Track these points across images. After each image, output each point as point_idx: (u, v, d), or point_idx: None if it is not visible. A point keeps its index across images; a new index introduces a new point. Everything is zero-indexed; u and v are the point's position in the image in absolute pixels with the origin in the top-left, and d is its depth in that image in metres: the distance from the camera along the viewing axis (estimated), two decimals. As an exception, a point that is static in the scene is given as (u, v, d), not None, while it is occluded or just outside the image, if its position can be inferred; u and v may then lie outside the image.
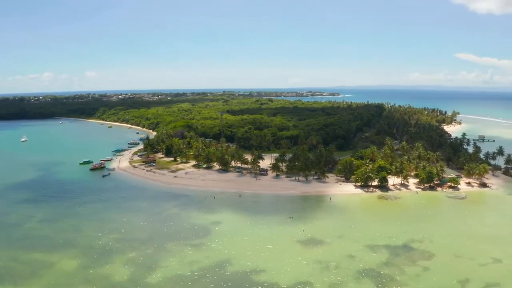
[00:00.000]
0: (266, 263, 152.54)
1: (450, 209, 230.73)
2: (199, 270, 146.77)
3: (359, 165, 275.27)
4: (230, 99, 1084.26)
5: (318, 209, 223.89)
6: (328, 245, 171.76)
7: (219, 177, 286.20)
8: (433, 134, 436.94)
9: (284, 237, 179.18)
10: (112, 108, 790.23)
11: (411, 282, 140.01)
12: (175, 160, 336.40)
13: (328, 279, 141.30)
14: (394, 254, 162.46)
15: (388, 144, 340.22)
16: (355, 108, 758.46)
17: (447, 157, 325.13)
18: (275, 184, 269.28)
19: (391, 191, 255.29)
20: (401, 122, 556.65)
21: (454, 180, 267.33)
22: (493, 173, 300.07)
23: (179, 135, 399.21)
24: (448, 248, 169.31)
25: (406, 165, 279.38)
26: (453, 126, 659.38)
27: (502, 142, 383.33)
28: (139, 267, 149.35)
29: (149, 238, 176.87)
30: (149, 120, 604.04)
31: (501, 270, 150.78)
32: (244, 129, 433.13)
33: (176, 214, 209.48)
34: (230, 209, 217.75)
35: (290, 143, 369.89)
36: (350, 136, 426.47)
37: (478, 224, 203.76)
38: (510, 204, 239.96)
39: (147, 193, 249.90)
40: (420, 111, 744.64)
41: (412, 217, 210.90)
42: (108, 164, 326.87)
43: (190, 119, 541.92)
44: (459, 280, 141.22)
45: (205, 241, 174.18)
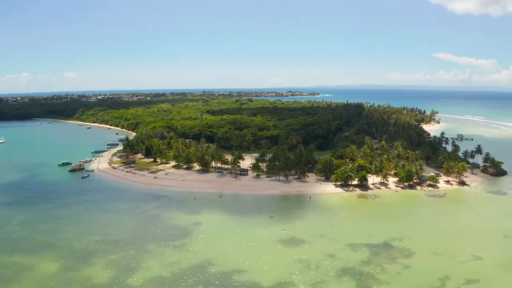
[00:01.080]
0: (247, 263, 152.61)
1: (430, 207, 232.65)
2: (180, 271, 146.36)
3: (339, 165, 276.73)
4: (210, 99, 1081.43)
5: (298, 208, 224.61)
6: (309, 244, 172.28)
7: (199, 178, 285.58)
8: (412, 133, 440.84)
9: (265, 237, 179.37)
10: (91, 108, 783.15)
11: (392, 280, 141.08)
12: (155, 161, 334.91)
13: (310, 279, 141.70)
14: (374, 253, 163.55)
15: (368, 143, 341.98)
16: (334, 107, 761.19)
17: (426, 156, 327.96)
18: (255, 184, 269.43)
19: (371, 190, 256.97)
20: (380, 121, 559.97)
21: (433, 179, 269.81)
22: (472, 171, 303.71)
23: (159, 136, 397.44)
24: (428, 245, 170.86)
25: (386, 164, 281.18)
26: (432, 125, 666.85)
27: (481, 141, 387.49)
28: (120, 269, 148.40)
29: (130, 240, 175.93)
30: (128, 121, 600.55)
31: (481, 267, 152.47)
32: (224, 129, 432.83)
33: (156, 215, 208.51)
34: (210, 210, 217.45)
35: (270, 143, 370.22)
36: (330, 135, 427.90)
37: (457, 221, 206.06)
38: (488, 201, 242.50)
39: (127, 194, 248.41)
40: (399, 111, 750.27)
41: (392, 215, 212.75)
42: (87, 166, 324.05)
43: (170, 119, 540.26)
44: (440, 277, 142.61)
45: (186, 242, 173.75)
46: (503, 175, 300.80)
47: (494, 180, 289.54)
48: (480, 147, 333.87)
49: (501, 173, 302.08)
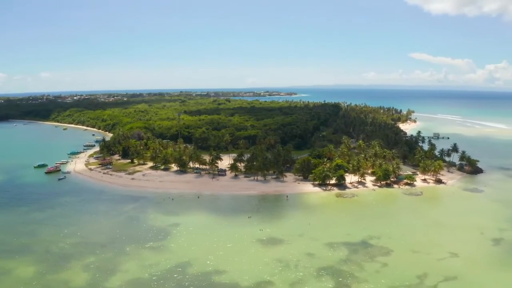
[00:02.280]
0: (226, 264, 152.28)
1: (407, 206, 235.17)
2: (159, 273, 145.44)
3: (317, 164, 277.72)
4: (188, 100, 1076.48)
5: (276, 208, 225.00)
6: (287, 244, 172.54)
7: (177, 178, 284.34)
8: (389, 133, 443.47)
9: (244, 237, 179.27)
10: (67, 109, 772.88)
11: (371, 278, 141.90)
12: (132, 162, 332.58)
13: (289, 278, 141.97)
14: (353, 251, 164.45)
15: (345, 142, 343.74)
16: (312, 107, 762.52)
17: (403, 154, 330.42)
18: (233, 185, 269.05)
19: (348, 189, 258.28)
20: (357, 121, 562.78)
21: (410, 177, 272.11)
22: (448, 170, 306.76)
23: (136, 137, 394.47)
24: (406, 243, 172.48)
25: (363, 163, 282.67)
26: (409, 124, 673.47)
27: (457, 139, 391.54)
28: (98, 272, 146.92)
29: (108, 242, 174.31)
30: (105, 122, 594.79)
31: (458, 263, 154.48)
32: (202, 129, 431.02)
33: (134, 217, 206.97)
34: (189, 211, 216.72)
35: (248, 143, 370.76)
36: (308, 135, 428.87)
37: (434, 219, 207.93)
38: (465, 199, 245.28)
39: (105, 196, 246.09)
40: (376, 110, 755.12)
41: (369, 214, 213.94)
42: (63, 167, 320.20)
43: (147, 120, 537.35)
44: (418, 274, 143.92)
45: (165, 243, 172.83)
46: (479, 173, 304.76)
47: (470, 178, 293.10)
48: (456, 145, 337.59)
49: (477, 171, 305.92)
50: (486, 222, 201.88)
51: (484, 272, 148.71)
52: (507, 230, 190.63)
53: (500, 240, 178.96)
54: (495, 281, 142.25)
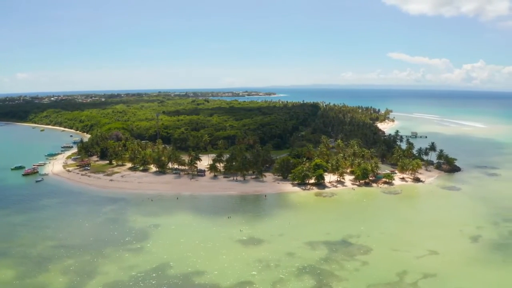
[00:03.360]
0: (206, 265, 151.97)
1: (386, 204, 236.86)
2: (139, 275, 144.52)
3: (296, 164, 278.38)
4: (166, 100, 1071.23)
5: (256, 208, 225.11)
6: (268, 243, 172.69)
7: (156, 179, 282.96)
8: (368, 132, 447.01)
9: (224, 237, 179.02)
10: (44, 110, 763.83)
11: (351, 277, 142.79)
12: (111, 163, 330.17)
13: (269, 278, 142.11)
14: (333, 250, 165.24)
15: (324, 142, 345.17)
16: (290, 107, 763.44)
17: (381, 153, 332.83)
18: (213, 185, 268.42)
19: (328, 188, 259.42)
20: (336, 120, 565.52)
21: (388, 176, 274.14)
22: (426, 168, 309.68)
23: (114, 138, 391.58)
24: (385, 242, 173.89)
25: (342, 162, 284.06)
26: (387, 124, 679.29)
27: (434, 138, 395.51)
28: (77, 275, 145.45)
29: (87, 244, 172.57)
30: (82, 123, 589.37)
31: (437, 261, 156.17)
32: (180, 130, 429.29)
33: (113, 219, 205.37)
34: (168, 212, 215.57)
35: (227, 143, 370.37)
36: (287, 135, 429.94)
37: (413, 217, 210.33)
38: (443, 197, 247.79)
39: (83, 198, 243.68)
40: (354, 110, 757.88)
41: (349, 213, 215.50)
42: (41, 169, 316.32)
43: (125, 120, 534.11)
44: (397, 272, 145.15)
45: (144, 244, 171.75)
46: (457, 171, 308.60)
47: (448, 176, 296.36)
48: (434, 144, 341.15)
49: (455, 170, 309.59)
50: (465, 219, 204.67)
51: (463, 269, 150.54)
52: (485, 227, 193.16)
53: (478, 237, 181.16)
54: (474, 278, 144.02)
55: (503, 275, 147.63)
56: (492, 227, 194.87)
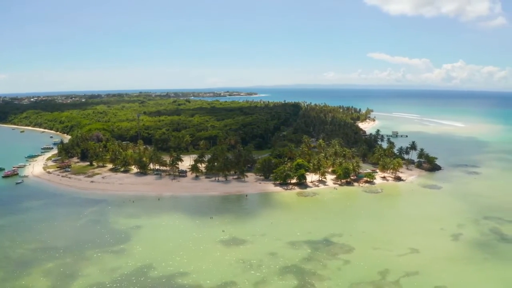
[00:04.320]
0: (189, 265, 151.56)
1: (367, 203, 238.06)
2: (121, 277, 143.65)
3: (278, 164, 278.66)
4: (147, 100, 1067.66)
5: (238, 208, 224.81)
6: (250, 243, 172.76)
7: (137, 181, 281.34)
8: (349, 131, 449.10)
9: (206, 238, 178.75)
10: (24, 111, 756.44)
11: (333, 276, 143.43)
12: (91, 165, 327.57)
13: (252, 278, 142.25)
14: (315, 249, 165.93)
15: (306, 142, 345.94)
16: (272, 107, 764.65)
17: (362, 153, 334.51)
18: (194, 186, 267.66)
19: (309, 188, 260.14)
20: (317, 120, 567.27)
21: (370, 175, 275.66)
22: (407, 167, 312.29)
23: (95, 139, 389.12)
24: (367, 240, 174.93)
25: (323, 162, 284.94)
26: (368, 123, 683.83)
27: (415, 138, 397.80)
28: (59, 277, 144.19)
29: (68, 246, 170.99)
30: (63, 124, 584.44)
31: (419, 259, 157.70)
32: (162, 130, 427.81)
33: (94, 220, 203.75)
34: (150, 213, 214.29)
35: (209, 143, 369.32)
36: (268, 135, 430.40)
37: (394, 216, 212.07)
38: (424, 196, 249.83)
39: (64, 200, 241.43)
40: (335, 109, 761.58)
41: (330, 212, 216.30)
42: (21, 171, 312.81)
43: (106, 121, 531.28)
44: (379, 271, 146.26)
45: (126, 246, 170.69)
46: (438, 170, 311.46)
47: (429, 175, 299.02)
48: (415, 143, 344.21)
49: (436, 168, 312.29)
50: (445, 217, 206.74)
51: (445, 267, 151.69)
52: (466, 225, 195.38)
53: (459, 235, 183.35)
54: (455, 275, 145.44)
55: (484, 272, 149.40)
56: (472, 225, 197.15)
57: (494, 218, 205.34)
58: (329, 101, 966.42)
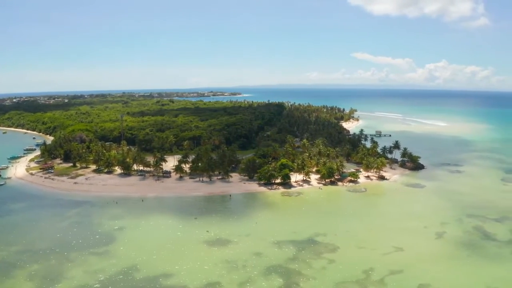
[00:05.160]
0: (174, 267, 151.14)
1: (351, 202, 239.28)
2: (105, 279, 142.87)
3: (262, 164, 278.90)
4: (130, 101, 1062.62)
5: (223, 209, 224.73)
6: (235, 244, 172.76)
7: (121, 182, 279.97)
8: (333, 131, 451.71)
9: (191, 239, 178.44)
10: (6, 112, 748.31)
11: (318, 275, 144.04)
12: (75, 166, 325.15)
13: (237, 278, 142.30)
14: (300, 249, 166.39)
15: (290, 142, 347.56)
16: (256, 107, 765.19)
17: (346, 152, 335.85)
18: (178, 186, 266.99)
19: (294, 188, 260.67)
20: (301, 120, 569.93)
21: (354, 175, 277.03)
22: (391, 166, 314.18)
23: (78, 139, 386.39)
24: (352, 240, 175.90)
25: (308, 161, 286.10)
26: (351, 123, 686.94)
27: (398, 137, 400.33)
28: (43, 280, 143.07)
29: (52, 249, 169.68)
30: (45, 125, 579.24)
31: (403, 257, 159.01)
32: (145, 131, 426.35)
33: (78, 222, 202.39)
34: (134, 214, 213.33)
35: (193, 144, 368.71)
36: (252, 135, 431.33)
37: (378, 215, 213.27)
38: (407, 195, 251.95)
39: (47, 202, 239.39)
40: (319, 109, 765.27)
41: (315, 212, 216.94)
42: (3, 173, 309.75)
43: (89, 122, 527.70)
44: (364, 269, 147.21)
45: (110, 248, 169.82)
46: (421, 169, 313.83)
47: (412, 174, 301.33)
48: (398, 142, 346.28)
49: (419, 167, 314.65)
50: (429, 216, 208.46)
51: (429, 265, 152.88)
52: (449, 223, 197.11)
53: (443, 233, 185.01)
54: (439, 273, 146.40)
55: (468, 270, 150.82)
56: (456, 223, 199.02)
57: (477, 216, 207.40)
58: (313, 101, 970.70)
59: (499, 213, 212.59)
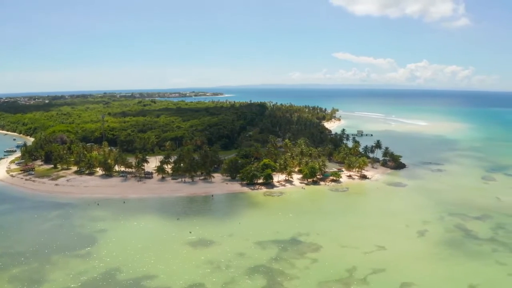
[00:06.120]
0: (157, 268, 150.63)
1: (334, 202, 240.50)
2: (88, 281, 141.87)
3: (244, 164, 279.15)
4: (112, 101, 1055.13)
5: (205, 209, 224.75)
6: (218, 244, 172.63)
7: (102, 183, 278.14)
8: (314, 131, 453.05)
9: (174, 240, 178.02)
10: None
11: (301, 275, 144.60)
12: (56, 167, 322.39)
13: (220, 279, 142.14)
14: (283, 249, 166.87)
15: (272, 141, 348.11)
16: (238, 107, 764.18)
17: (328, 152, 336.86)
18: (161, 187, 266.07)
19: (276, 188, 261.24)
20: (283, 120, 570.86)
21: (336, 174, 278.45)
22: (372, 166, 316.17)
23: (59, 141, 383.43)
24: (334, 239, 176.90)
25: (290, 161, 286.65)
26: (333, 123, 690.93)
27: (380, 136, 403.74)
28: (25, 283, 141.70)
29: (33, 252, 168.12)
30: (26, 126, 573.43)
31: (385, 256, 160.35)
32: (127, 131, 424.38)
33: (59, 224, 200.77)
34: (116, 215, 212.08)
35: (175, 144, 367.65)
36: (234, 135, 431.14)
37: (361, 214, 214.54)
38: (389, 193, 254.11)
39: (27, 204, 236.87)
40: (301, 109, 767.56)
41: (297, 211, 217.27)
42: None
43: (70, 123, 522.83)
44: (347, 268, 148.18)
45: (92, 250, 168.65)
46: (402, 168, 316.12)
47: (394, 173, 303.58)
48: (380, 142, 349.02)
49: (400, 166, 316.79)
50: (411, 215, 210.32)
51: (411, 264, 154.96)
52: (431, 222, 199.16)
53: (425, 231, 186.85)
54: (422, 271, 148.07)
55: (450, 268, 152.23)
56: (437, 221, 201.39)
57: (458, 214, 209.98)
58: (295, 100, 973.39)
59: (480, 211, 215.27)
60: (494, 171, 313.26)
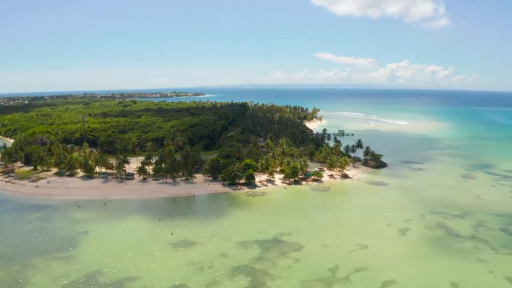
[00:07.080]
0: (139, 270, 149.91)
1: (316, 201, 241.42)
2: (69, 284, 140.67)
3: (226, 164, 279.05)
4: (92, 102, 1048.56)
5: (187, 210, 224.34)
6: (200, 245, 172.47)
7: (83, 184, 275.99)
8: (296, 131, 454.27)
9: (155, 241, 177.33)
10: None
11: (284, 274, 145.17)
12: (36, 169, 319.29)
13: (203, 280, 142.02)
14: (265, 249, 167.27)
15: (253, 142, 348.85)
16: (219, 107, 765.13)
17: (310, 151, 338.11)
18: (142, 188, 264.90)
19: (258, 188, 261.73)
20: (265, 120, 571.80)
21: (317, 174, 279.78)
22: (354, 165, 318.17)
23: (39, 142, 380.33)
24: (316, 238, 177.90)
25: (271, 161, 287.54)
26: (315, 122, 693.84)
27: (361, 136, 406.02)
28: (5, 286, 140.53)
29: (13, 255, 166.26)
30: (5, 127, 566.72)
31: (368, 255, 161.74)
32: (107, 132, 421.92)
33: (40, 227, 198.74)
34: (97, 217, 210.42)
35: (156, 145, 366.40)
36: (216, 135, 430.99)
37: (342, 213, 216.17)
38: (370, 192, 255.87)
39: (7, 206, 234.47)
40: (282, 109, 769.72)
41: (280, 211, 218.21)
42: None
43: (50, 124, 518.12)
44: (329, 267, 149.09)
45: (74, 252, 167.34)
46: (383, 167, 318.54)
47: (375, 172, 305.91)
48: (361, 141, 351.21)
49: (381, 165, 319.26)
50: (392, 213, 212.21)
51: (393, 262, 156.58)
52: (412, 220, 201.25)
53: (406, 230, 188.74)
54: (404, 269, 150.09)
55: (432, 265, 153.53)
56: (419, 219, 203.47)
57: (439, 213, 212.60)
58: (276, 100, 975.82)
59: (461, 209, 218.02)
60: (475, 169, 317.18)
